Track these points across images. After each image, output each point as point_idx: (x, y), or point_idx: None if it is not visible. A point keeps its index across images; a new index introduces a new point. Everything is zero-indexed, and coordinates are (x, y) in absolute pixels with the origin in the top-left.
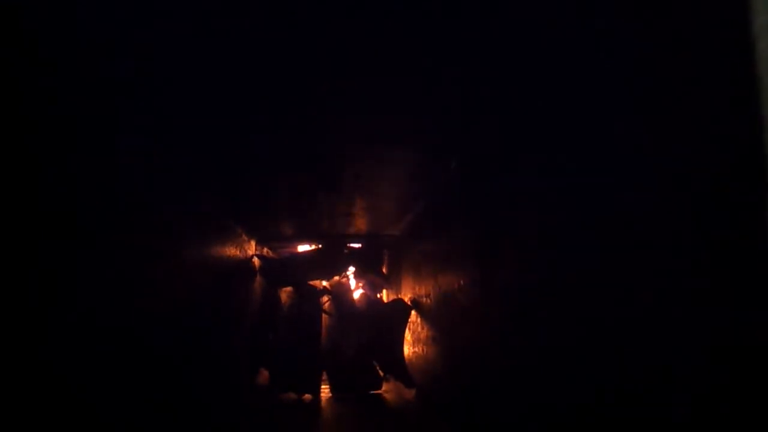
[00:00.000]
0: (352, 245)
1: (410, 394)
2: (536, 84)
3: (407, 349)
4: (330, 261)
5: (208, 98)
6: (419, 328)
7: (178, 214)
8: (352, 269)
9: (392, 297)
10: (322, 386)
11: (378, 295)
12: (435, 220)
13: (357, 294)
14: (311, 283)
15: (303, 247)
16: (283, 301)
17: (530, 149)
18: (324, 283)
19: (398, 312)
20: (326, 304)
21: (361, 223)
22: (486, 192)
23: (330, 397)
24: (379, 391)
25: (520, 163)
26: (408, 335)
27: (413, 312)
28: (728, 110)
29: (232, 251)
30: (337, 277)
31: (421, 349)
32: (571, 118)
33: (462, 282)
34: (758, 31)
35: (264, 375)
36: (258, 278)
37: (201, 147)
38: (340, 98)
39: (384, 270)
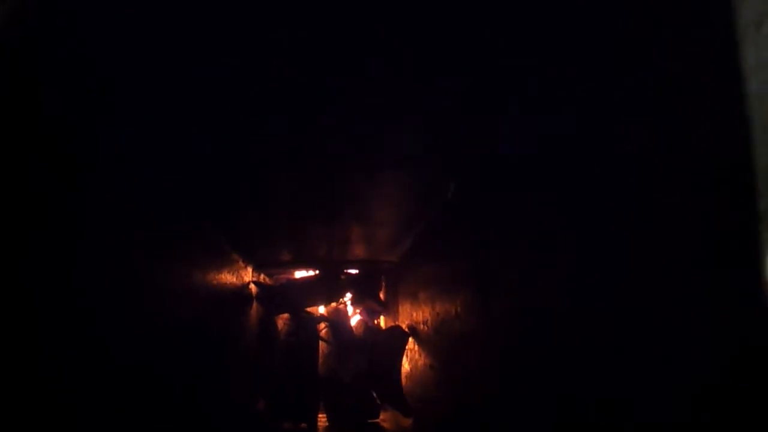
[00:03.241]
0: (350, 272)
1: (407, 422)
2: (537, 105)
3: (404, 377)
4: (327, 288)
5: (203, 122)
6: (417, 356)
7: (175, 241)
8: (349, 296)
9: (389, 324)
10: (319, 414)
11: (375, 322)
12: (432, 246)
13: (354, 321)
14: (308, 310)
15: (300, 274)
16: (279, 328)
17: (530, 172)
18: (321, 310)
19: (395, 339)
20: (323, 332)
21: (358, 250)
22: (484, 217)
23: (326, 426)
24: (377, 420)
25: (519, 187)
26: (405, 363)
27: (410, 339)
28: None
29: (229, 278)
30: (334, 304)
31: (418, 377)
32: (574, 138)
33: (460, 309)
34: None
35: (260, 403)
36: (255, 305)
37: (197, 173)
38: (338, 124)
39: (381, 296)
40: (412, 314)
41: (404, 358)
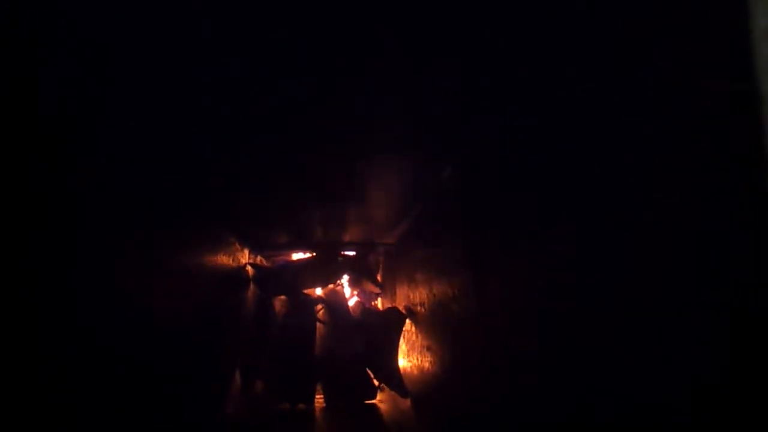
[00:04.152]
0: (347, 253)
1: (405, 403)
2: (535, 89)
3: (402, 359)
4: (324, 269)
5: (199, 106)
6: (414, 337)
7: (170, 224)
8: (346, 277)
9: (387, 305)
10: (317, 396)
11: (373, 303)
12: (429, 227)
13: (351, 302)
14: (305, 291)
15: (297, 256)
16: (276, 310)
17: (526, 155)
18: (318, 291)
19: (393, 321)
20: (320, 313)
21: (355, 231)
22: (481, 199)
23: (324, 407)
24: (374, 401)
25: (516, 170)
26: (403, 344)
27: (408, 320)
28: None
29: (225, 260)
30: (331, 285)
31: (416, 358)
32: (570, 123)
33: (457, 290)
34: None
35: (257, 385)
36: (251, 287)
37: (192, 156)
38: (334, 107)
39: (379, 278)
40: (409, 296)
41: (402, 340)
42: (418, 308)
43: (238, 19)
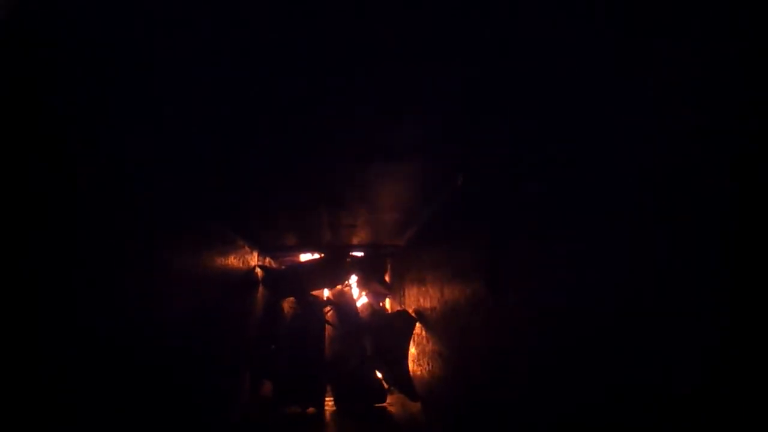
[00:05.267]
0: (355, 254)
1: (415, 407)
2: (548, 92)
3: (412, 363)
4: (333, 270)
5: (209, 109)
6: (424, 341)
7: (179, 228)
8: (354, 278)
9: (396, 307)
10: (326, 398)
11: (381, 304)
12: (441, 231)
13: (360, 303)
14: (314, 293)
15: (306, 257)
16: (285, 312)
17: (539, 160)
18: (327, 293)
19: (402, 324)
20: (329, 315)
21: (364, 234)
22: (493, 209)
23: (334, 410)
24: (384, 404)
25: (529, 175)
26: (413, 348)
27: (418, 324)
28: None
29: (234, 262)
30: (339, 287)
31: (426, 362)
32: (571, 123)
33: (469, 297)
34: None
35: (267, 387)
36: (260, 289)
37: (202, 159)
38: (344, 112)
39: (387, 279)
40: (419, 299)
41: (411, 343)
42: (429, 312)
43: (237, 19)
